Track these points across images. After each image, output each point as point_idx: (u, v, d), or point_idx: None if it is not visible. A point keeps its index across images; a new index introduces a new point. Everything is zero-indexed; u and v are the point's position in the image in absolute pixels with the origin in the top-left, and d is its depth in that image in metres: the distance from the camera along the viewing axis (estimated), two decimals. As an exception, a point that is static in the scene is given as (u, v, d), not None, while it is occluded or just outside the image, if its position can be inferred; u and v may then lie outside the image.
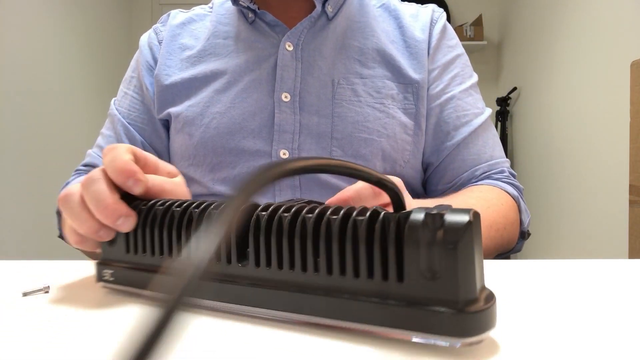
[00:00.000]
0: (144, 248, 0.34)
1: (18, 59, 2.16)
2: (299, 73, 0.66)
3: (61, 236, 0.63)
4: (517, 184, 0.69)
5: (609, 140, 1.97)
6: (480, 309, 0.23)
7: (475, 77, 0.74)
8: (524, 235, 0.66)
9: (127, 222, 0.34)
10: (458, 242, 0.22)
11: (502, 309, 0.30)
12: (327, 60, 0.67)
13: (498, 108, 3.10)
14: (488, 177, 0.68)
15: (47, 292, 0.36)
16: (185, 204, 0.32)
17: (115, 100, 0.75)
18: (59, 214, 0.65)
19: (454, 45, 0.73)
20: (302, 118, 0.64)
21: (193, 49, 0.71)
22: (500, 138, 3.05)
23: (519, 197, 0.67)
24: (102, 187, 0.34)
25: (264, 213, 0.28)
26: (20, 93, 2.18)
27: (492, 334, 0.24)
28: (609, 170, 1.98)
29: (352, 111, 0.64)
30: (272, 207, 0.29)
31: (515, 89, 2.96)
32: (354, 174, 0.26)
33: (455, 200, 0.59)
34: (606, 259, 0.45)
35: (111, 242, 0.36)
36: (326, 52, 0.67)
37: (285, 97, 0.64)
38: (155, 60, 0.72)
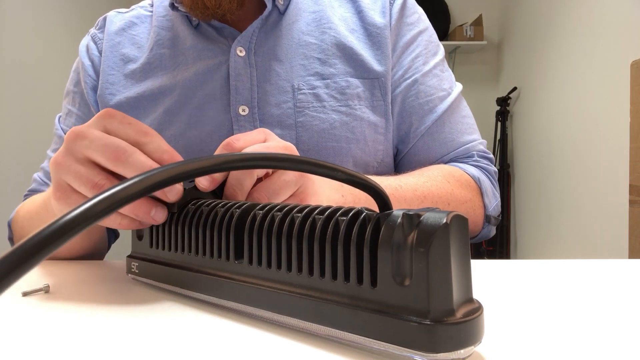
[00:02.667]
0: (163, 244, 0.35)
1: (16, 58, 2.16)
2: (254, 81, 0.59)
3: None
4: (486, 165, 0.66)
5: (609, 140, 1.97)
6: (455, 321, 0.20)
7: (441, 53, 0.68)
8: (489, 219, 0.63)
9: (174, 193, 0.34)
10: (430, 246, 0.20)
11: (497, 315, 0.30)
12: (284, 64, 0.61)
13: (498, 108, 3.10)
14: (454, 161, 0.65)
15: (47, 292, 0.36)
16: (209, 204, 0.33)
17: (59, 117, 0.69)
18: (10, 226, 0.62)
19: (415, 21, 0.66)
20: None
21: (136, 61, 0.64)
22: (500, 138, 3.06)
23: (484, 179, 0.64)
24: (144, 158, 0.33)
25: (260, 212, 0.29)
26: (18, 92, 2.18)
27: (482, 347, 0.23)
28: (609, 170, 1.98)
29: (316, 119, 0.59)
30: (269, 206, 0.29)
31: (515, 89, 2.96)
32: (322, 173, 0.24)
33: (399, 178, 0.56)
34: (606, 259, 0.45)
35: (139, 237, 0.38)
36: (282, 53, 0.61)
37: (243, 110, 0.59)
38: (98, 74, 0.65)
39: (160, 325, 0.29)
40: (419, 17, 0.67)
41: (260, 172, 0.37)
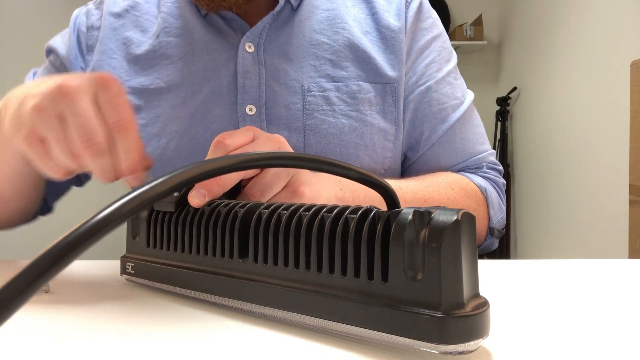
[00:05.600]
0: (162, 244, 0.35)
1: (16, 57, 2.16)
2: (263, 80, 0.58)
3: None
4: (495, 177, 0.65)
5: (609, 140, 1.97)
6: (465, 314, 0.21)
7: (454, 59, 0.66)
8: (492, 232, 0.62)
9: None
10: (442, 241, 0.21)
11: (499, 313, 0.30)
12: (294, 63, 0.59)
13: (498, 108, 3.10)
14: (463, 172, 0.64)
15: (47, 292, 0.36)
16: (210, 204, 0.33)
17: (35, 73, 0.66)
18: None
19: (429, 26, 0.65)
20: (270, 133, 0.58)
21: (140, 45, 0.61)
22: (500, 138, 3.05)
23: (491, 191, 0.63)
24: (106, 166, 0.36)
25: (266, 210, 0.29)
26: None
27: (486, 342, 0.23)
28: (609, 170, 1.98)
29: (325, 122, 0.58)
30: (274, 205, 0.29)
31: (515, 89, 2.96)
32: (335, 172, 0.25)
33: (401, 181, 0.56)
34: (606, 259, 0.45)
35: (134, 237, 0.38)
36: (292, 52, 0.59)
37: (250, 109, 0.57)
38: (82, 52, 0.63)
39: (162, 325, 0.29)
40: (434, 22, 0.66)
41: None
